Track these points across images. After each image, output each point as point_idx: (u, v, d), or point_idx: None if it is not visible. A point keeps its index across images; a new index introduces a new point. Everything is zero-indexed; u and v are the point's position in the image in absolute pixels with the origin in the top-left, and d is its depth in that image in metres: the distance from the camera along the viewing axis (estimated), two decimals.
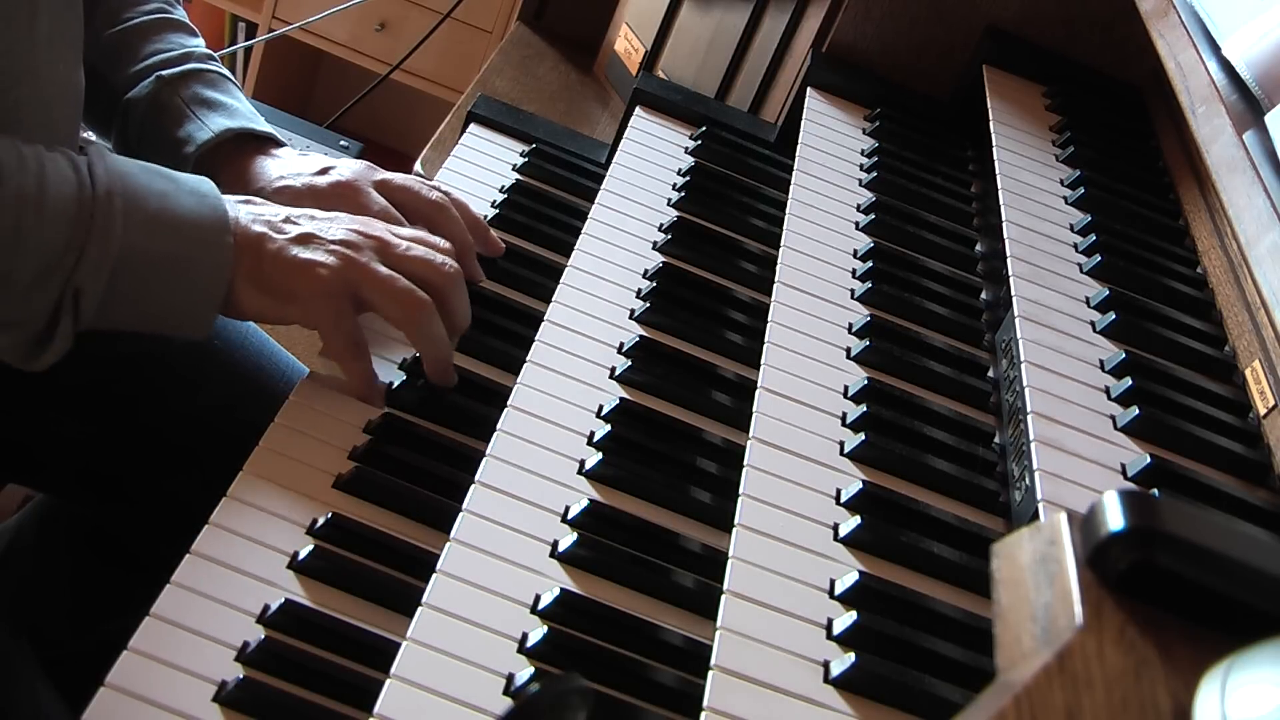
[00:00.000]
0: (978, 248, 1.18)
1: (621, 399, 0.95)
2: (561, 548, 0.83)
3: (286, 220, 0.93)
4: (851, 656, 0.76)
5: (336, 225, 0.93)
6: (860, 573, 0.82)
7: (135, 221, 0.85)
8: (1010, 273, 1.04)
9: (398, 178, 1.07)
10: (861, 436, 0.92)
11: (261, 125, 1.10)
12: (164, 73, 1.09)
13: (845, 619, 0.79)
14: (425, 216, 1.04)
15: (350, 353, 0.93)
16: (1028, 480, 0.87)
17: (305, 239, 0.91)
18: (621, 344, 1.01)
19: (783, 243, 1.11)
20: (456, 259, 0.99)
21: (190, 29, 1.15)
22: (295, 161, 1.07)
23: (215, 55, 1.15)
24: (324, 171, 1.05)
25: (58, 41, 0.92)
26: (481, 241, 1.09)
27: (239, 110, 1.09)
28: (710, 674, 0.73)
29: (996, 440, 0.96)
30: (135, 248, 0.85)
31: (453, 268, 0.96)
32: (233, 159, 1.07)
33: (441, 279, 0.95)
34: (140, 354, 1.06)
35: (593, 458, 0.90)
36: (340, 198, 1.02)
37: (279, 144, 1.10)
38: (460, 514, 0.83)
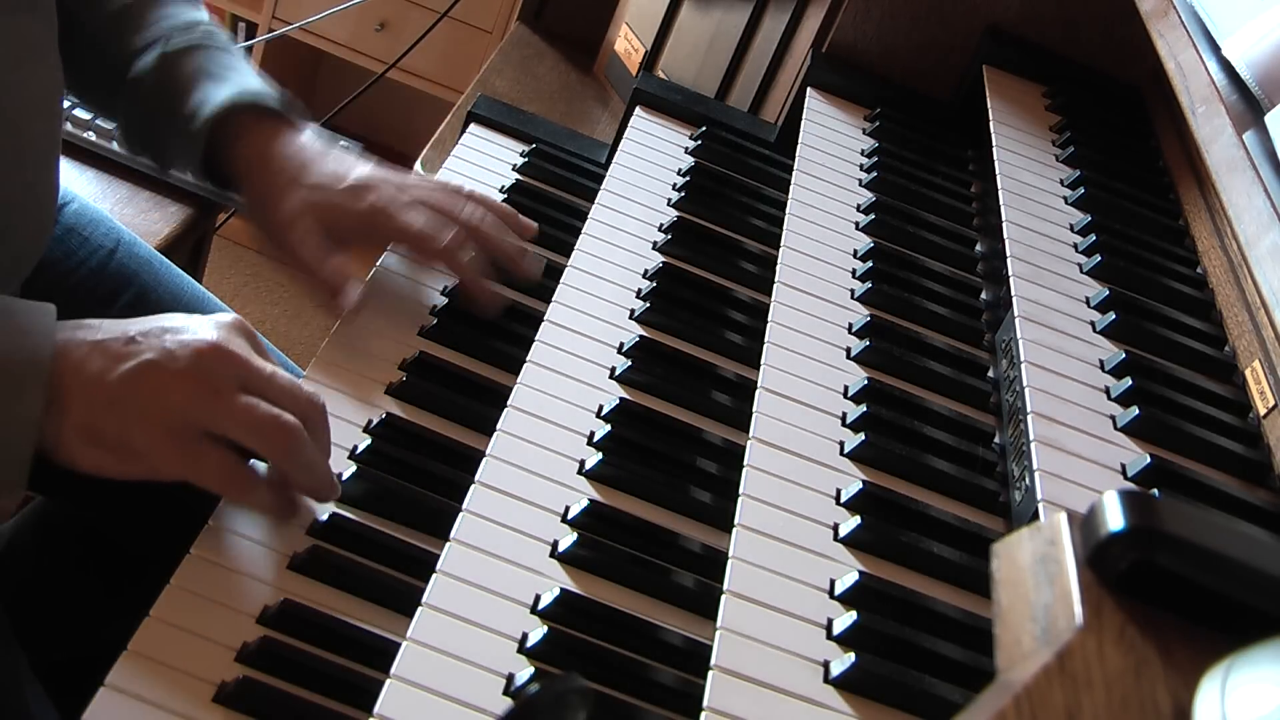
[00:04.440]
0: (978, 248, 1.18)
1: (621, 399, 0.95)
2: (561, 548, 0.83)
3: (130, 343, 0.79)
4: (851, 656, 0.76)
5: (185, 347, 0.79)
6: (860, 573, 0.82)
7: None
8: (1010, 273, 1.03)
9: (434, 197, 1.04)
10: (861, 436, 0.92)
11: (274, 102, 1.04)
12: (168, 46, 1.05)
13: (845, 619, 0.79)
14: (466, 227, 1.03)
15: (236, 488, 0.80)
16: (1028, 480, 0.87)
17: (144, 374, 0.78)
18: (621, 344, 1.01)
19: (783, 243, 1.11)
20: (511, 261, 1.02)
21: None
22: (325, 164, 1.02)
23: (220, 26, 1.11)
24: (357, 193, 1.01)
25: (25, 60, 0.89)
26: (518, 230, 1.09)
27: (248, 84, 1.04)
28: (710, 674, 0.73)
29: (996, 440, 0.96)
30: None
31: (317, 399, 0.84)
32: (249, 133, 1.02)
33: (307, 407, 0.82)
34: None
35: (593, 458, 0.90)
36: (372, 222, 1.00)
37: (299, 125, 1.05)
38: (460, 514, 0.83)
